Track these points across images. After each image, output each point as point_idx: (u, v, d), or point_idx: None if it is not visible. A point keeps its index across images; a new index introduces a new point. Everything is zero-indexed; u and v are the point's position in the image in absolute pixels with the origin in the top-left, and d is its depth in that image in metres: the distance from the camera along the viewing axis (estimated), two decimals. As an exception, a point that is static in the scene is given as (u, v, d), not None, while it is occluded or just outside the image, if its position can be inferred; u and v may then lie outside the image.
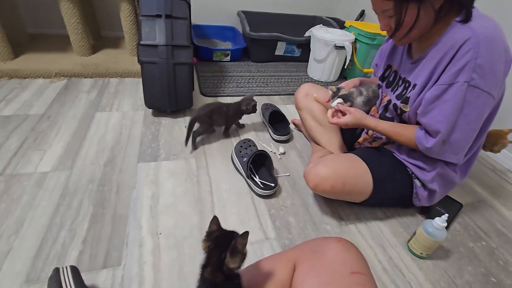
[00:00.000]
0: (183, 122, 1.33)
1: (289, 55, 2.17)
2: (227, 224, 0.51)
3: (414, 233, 0.85)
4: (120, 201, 0.90)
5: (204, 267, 0.50)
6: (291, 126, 1.38)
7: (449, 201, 1.05)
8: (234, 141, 1.23)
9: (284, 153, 1.22)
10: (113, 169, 1.02)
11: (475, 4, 0.69)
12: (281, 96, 1.71)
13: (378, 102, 0.99)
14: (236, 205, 0.95)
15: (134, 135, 1.20)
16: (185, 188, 0.98)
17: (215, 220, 0.53)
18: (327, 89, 1.19)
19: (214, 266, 0.48)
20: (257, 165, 1.09)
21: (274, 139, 1.29)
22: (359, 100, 0.96)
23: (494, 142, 1.02)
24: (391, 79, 0.92)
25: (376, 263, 0.83)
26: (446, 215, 0.78)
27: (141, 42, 1.20)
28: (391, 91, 0.91)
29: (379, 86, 0.98)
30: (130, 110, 1.35)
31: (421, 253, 0.84)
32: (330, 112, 0.92)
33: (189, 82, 1.31)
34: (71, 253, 0.74)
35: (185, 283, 0.71)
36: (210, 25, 2.23)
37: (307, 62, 2.06)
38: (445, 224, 0.78)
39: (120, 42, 1.96)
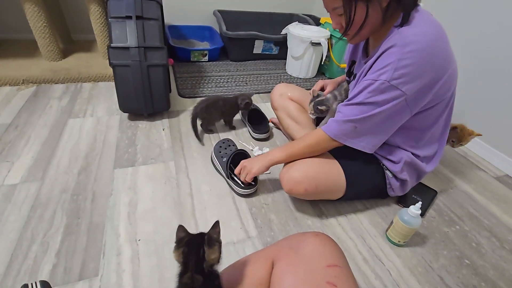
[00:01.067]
0: (160, 125, 1.30)
1: (267, 53, 2.18)
2: (208, 226, 0.50)
3: (392, 222, 0.88)
4: (96, 210, 0.87)
5: (183, 274, 0.48)
6: (270, 124, 1.38)
7: (425, 189, 1.09)
8: (213, 141, 1.22)
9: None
10: (88, 177, 0.98)
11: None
12: (261, 94, 1.71)
13: None
14: (217, 206, 0.94)
15: (110, 141, 1.16)
16: (164, 192, 0.96)
17: (181, 228, 0.51)
18: (301, 88, 1.21)
19: (193, 269, 0.47)
20: (238, 164, 1.08)
21: (254, 138, 1.29)
22: (335, 105, 1.00)
23: (461, 138, 1.08)
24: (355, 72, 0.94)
25: (356, 254, 0.84)
26: (420, 202, 0.81)
27: (112, 45, 1.16)
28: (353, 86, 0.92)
29: (348, 82, 1.00)
30: (104, 115, 1.31)
31: (399, 241, 0.86)
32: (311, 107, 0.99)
33: (165, 84, 1.28)
34: (44, 267, 0.71)
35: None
36: (186, 25, 2.20)
37: (285, 59, 2.07)
38: (419, 212, 0.80)
39: (92, 46, 1.89)
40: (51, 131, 1.17)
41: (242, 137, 1.29)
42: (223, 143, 1.12)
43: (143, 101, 1.26)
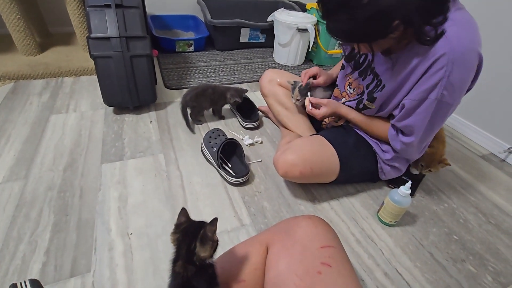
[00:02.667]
0: (148, 118, 1.27)
1: (254, 41, 2.14)
2: (201, 217, 0.50)
3: (383, 203, 0.89)
4: (85, 206, 0.85)
5: (175, 261, 0.48)
6: (260, 113, 1.37)
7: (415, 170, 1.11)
8: (203, 132, 1.21)
9: (261, 142, 1.20)
10: (74, 173, 0.95)
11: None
12: (249, 83, 1.69)
13: (342, 86, 0.99)
14: (210, 196, 0.94)
15: (95, 136, 1.13)
16: (155, 185, 0.95)
17: (183, 212, 0.51)
18: (290, 73, 1.20)
19: (185, 259, 0.46)
20: (228, 154, 1.07)
21: (243, 127, 1.28)
22: (321, 95, 1.00)
23: (430, 163, 0.98)
24: (360, 61, 0.88)
25: (349, 236, 0.86)
26: (410, 182, 0.82)
27: (91, 35, 1.11)
28: (360, 76, 0.89)
29: (343, 67, 0.97)
30: (88, 110, 1.27)
31: (390, 221, 0.88)
32: (307, 101, 0.97)
33: (150, 75, 1.25)
34: (33, 266, 0.69)
35: (162, 281, 0.69)
36: (169, 15, 2.13)
37: (273, 47, 2.05)
38: (409, 191, 0.82)
39: (71, 38, 1.81)
40: (32, 128, 1.13)
41: (232, 127, 1.28)
42: (213, 133, 1.11)
43: (128, 93, 1.22)
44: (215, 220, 0.48)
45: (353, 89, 0.92)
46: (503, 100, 1.23)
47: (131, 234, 0.79)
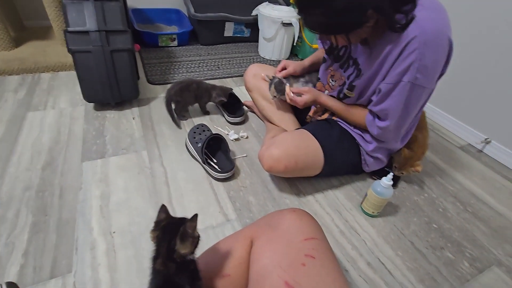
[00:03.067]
0: (130, 114, 1.24)
1: (239, 35, 2.12)
2: (186, 213, 0.49)
3: (366, 195, 0.91)
4: (65, 205, 0.83)
5: (155, 259, 0.47)
6: (245, 108, 1.36)
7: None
8: (188, 128, 1.19)
9: (247, 137, 1.20)
10: (54, 172, 0.92)
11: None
12: (234, 78, 1.67)
13: (324, 79, 1.00)
14: (195, 192, 0.93)
15: (75, 133, 1.09)
16: (138, 182, 0.93)
17: (163, 208, 0.50)
18: (275, 68, 1.20)
19: (165, 256, 0.45)
20: (213, 149, 1.06)
21: (229, 122, 1.27)
22: (301, 81, 1.01)
23: (402, 165, 0.98)
24: (341, 53, 0.90)
25: (333, 228, 0.87)
26: (391, 173, 0.84)
27: (69, 29, 1.07)
28: (341, 68, 0.90)
29: (324, 60, 0.99)
30: (68, 107, 1.23)
31: (373, 212, 0.90)
32: (288, 89, 0.98)
33: (132, 71, 1.22)
34: (11, 269, 0.67)
35: (146, 279, 0.67)
36: (151, 8, 2.08)
37: (257, 42, 2.03)
38: (391, 183, 0.84)
39: (47, 32, 1.74)
40: (8, 126, 1.08)
41: (217, 122, 1.27)
42: (197, 128, 1.10)
43: (109, 89, 1.19)
44: (195, 216, 0.47)
45: (335, 81, 0.93)
46: (480, 93, 1.27)
47: (114, 232, 0.77)
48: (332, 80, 0.95)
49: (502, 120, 1.22)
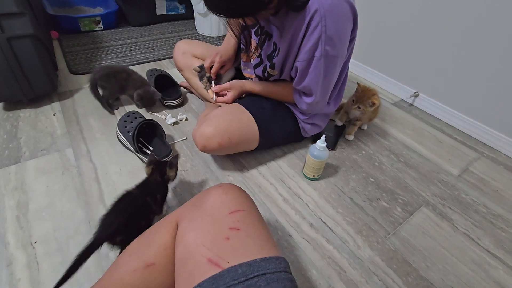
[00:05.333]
0: (50, 110, 1.10)
1: (173, 13, 1.98)
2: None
3: (305, 160, 0.92)
4: (-28, 223, 0.72)
5: (152, 174, 0.73)
6: (183, 89, 1.29)
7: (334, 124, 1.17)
8: (119, 116, 1.09)
9: (186, 120, 1.14)
10: (-45, 187, 0.79)
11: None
12: (171, 59, 1.57)
13: (247, 48, 0.95)
14: (130, 184, 0.85)
15: (-19, 140, 0.94)
16: (62, 183, 0.84)
17: (151, 155, 0.75)
18: (204, 42, 1.13)
19: (158, 174, 0.72)
20: (149, 136, 0.99)
21: (166, 106, 1.19)
22: (228, 75, 1.01)
23: (363, 99, 1.04)
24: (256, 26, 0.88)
25: (277, 197, 0.88)
26: (324, 136, 0.86)
27: None
28: (259, 41, 0.87)
29: (244, 28, 0.93)
30: (-31, 111, 1.05)
31: (314, 176, 0.92)
32: (211, 92, 0.96)
33: (41, 60, 1.06)
34: None
35: (77, 285, 0.63)
36: (68, -12, 1.83)
37: (194, 18, 1.91)
38: (325, 144, 0.85)
39: None
40: None
41: (154, 107, 1.18)
42: (128, 116, 1.01)
43: (17, 84, 1.03)
44: (177, 155, 0.77)
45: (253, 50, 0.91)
46: (407, 48, 1.33)
47: (35, 242, 0.69)
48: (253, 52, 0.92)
49: (428, 74, 1.30)
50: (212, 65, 0.97)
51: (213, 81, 0.99)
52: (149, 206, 0.66)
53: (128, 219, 0.61)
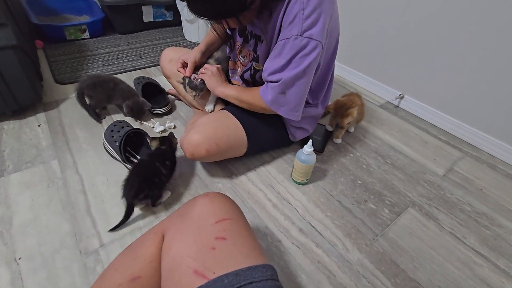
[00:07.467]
0: (35, 121, 1.09)
1: (161, 20, 1.98)
2: (108, 220, 0.43)
3: (293, 165, 0.93)
4: (-47, 240, 0.70)
5: (161, 144, 0.87)
6: (171, 97, 1.29)
7: (323, 128, 1.18)
8: (106, 126, 1.08)
9: (174, 127, 1.14)
10: None
11: None
12: (159, 66, 1.56)
13: (234, 57, 0.96)
14: (117, 195, 0.85)
15: (-38, 154, 0.92)
16: (47, 197, 0.83)
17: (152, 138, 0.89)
18: (191, 50, 1.13)
19: (167, 144, 0.87)
20: (136, 146, 0.99)
21: (154, 114, 1.19)
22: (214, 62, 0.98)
23: (342, 113, 1.04)
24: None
25: (266, 203, 0.88)
26: (311, 140, 0.87)
27: None
28: (246, 42, 0.87)
29: (229, 37, 0.93)
30: (-50, 124, 1.03)
31: (302, 180, 0.93)
32: (196, 102, 1.01)
33: (25, 71, 1.04)
34: None
35: (63, 299, 0.62)
36: (52, -3, 1.81)
37: (182, 25, 1.92)
38: (312, 149, 0.86)
39: None
40: None
41: (142, 116, 1.17)
42: (115, 125, 1.00)
43: (-1, 96, 1.01)
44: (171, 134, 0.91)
45: (244, 57, 0.91)
46: (392, 52, 1.36)
47: (19, 258, 0.68)
48: (242, 56, 0.92)
49: (412, 76, 1.33)
50: (185, 67, 0.99)
51: (186, 79, 0.97)
52: (158, 169, 0.80)
53: (144, 178, 0.76)
